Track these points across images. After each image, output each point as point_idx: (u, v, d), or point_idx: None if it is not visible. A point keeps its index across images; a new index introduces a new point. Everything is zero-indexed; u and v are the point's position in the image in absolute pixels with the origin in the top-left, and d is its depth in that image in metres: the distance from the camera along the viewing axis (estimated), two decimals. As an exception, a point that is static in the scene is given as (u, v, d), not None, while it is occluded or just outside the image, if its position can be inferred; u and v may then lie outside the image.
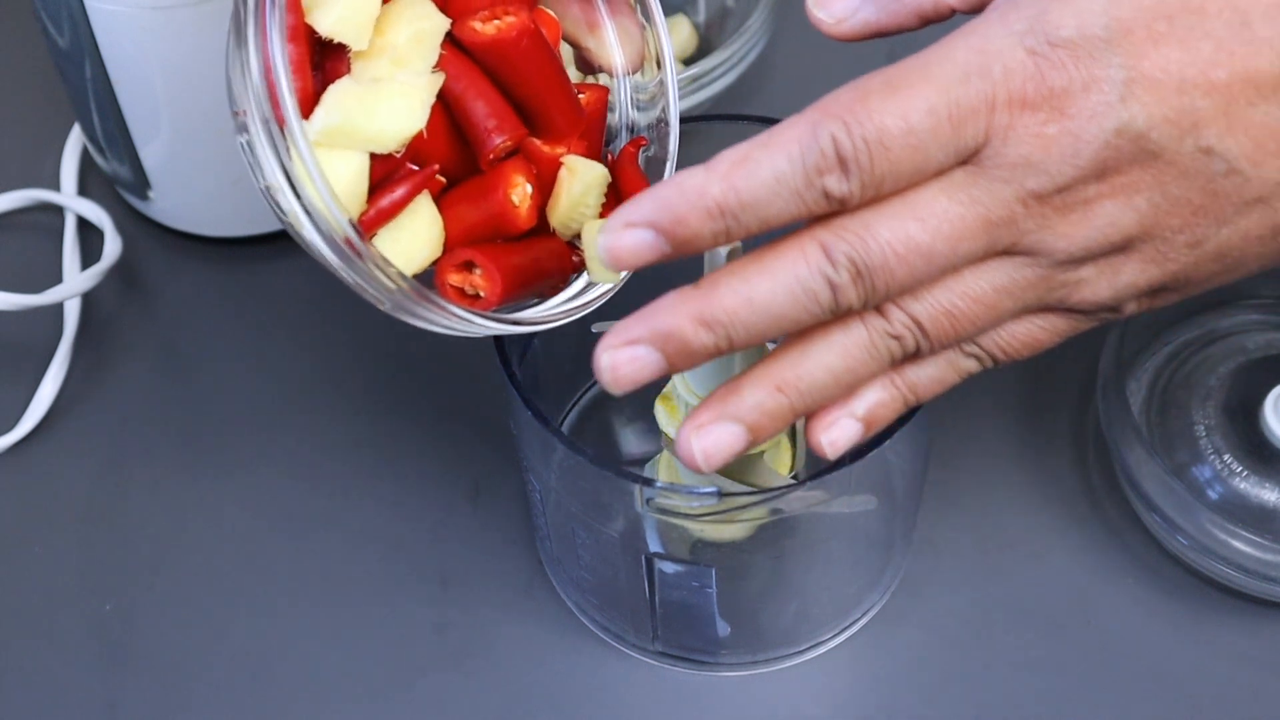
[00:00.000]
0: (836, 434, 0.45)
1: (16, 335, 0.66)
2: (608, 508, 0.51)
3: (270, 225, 0.68)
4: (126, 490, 0.63)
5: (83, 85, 0.63)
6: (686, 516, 0.49)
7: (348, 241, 0.44)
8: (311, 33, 0.46)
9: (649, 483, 0.49)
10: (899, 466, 0.54)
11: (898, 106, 0.41)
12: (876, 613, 0.58)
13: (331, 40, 0.46)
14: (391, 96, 0.46)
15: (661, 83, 0.52)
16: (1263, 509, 0.58)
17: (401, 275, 0.45)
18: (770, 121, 0.53)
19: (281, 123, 0.44)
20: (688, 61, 0.72)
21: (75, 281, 0.64)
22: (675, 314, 0.42)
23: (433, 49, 0.47)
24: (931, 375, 0.45)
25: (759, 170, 0.41)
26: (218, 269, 0.68)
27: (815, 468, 0.50)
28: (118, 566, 0.60)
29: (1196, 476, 0.59)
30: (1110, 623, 0.57)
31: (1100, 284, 0.44)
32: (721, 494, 0.48)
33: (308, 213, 0.44)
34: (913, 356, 0.44)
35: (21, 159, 0.72)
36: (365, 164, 0.46)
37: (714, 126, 0.55)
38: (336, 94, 0.46)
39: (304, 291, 0.68)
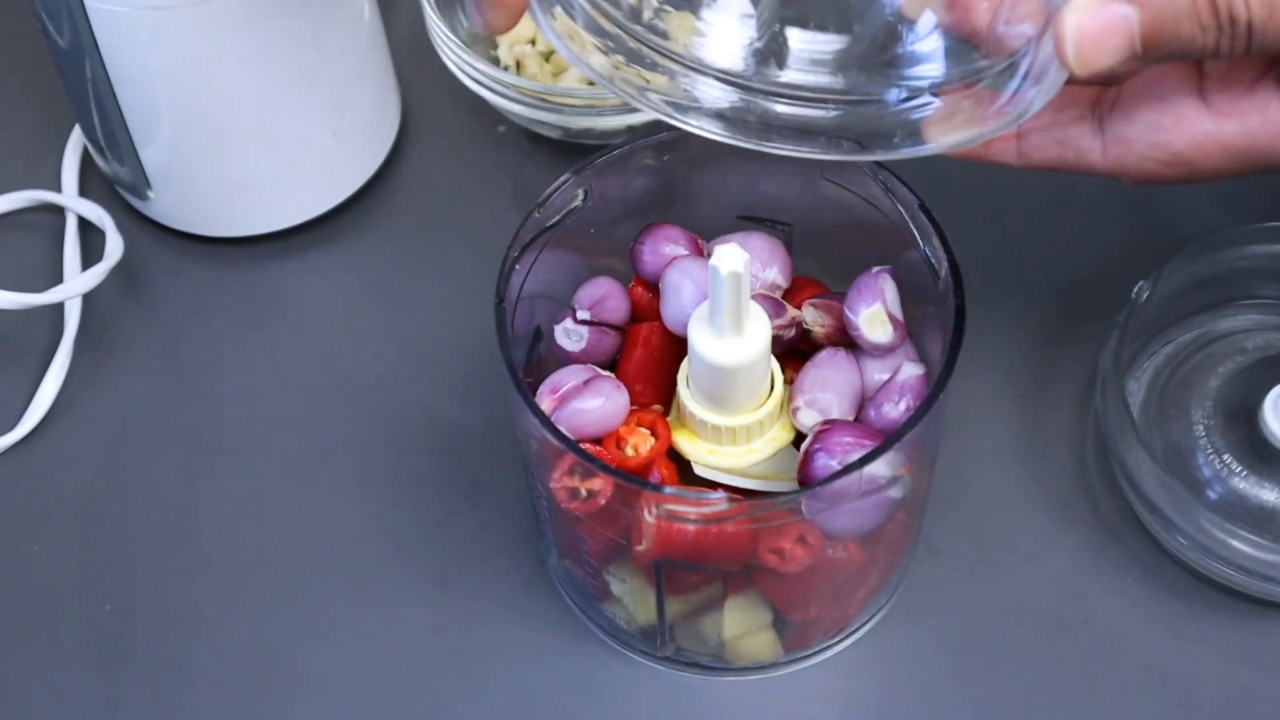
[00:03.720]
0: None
1: (17, 335, 0.66)
2: (614, 512, 0.51)
3: (270, 225, 0.68)
4: (126, 490, 0.63)
5: (83, 86, 0.63)
6: (694, 522, 0.49)
7: None
8: None
9: (656, 488, 0.49)
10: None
11: None
12: (883, 616, 0.58)
13: None
14: None
15: None
16: (1262, 509, 0.58)
17: None
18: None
19: None
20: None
21: (76, 281, 0.64)
22: None
23: None
24: None
25: None
26: (218, 269, 0.68)
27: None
28: (118, 566, 0.60)
29: (1196, 477, 0.59)
30: (1110, 623, 0.57)
31: None
32: (730, 499, 0.48)
33: None
34: None
35: (22, 160, 0.72)
36: None
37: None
38: None
39: (304, 291, 0.68)
